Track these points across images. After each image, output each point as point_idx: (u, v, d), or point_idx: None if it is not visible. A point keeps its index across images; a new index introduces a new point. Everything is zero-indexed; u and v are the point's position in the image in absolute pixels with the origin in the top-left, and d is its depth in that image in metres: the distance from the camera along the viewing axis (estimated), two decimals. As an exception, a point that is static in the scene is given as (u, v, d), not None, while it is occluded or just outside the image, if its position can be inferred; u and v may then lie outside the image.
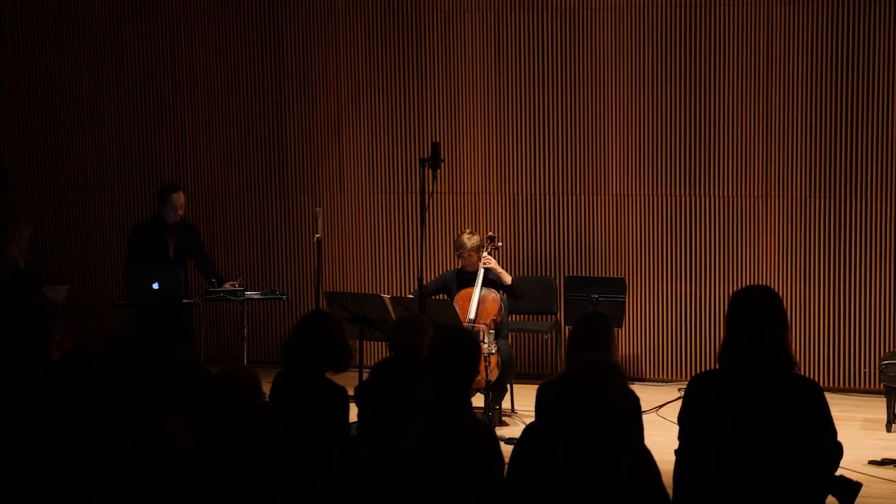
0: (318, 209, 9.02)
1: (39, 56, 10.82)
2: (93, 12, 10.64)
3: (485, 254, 8.54)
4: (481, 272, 8.51)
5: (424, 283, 8.15)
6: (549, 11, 9.61)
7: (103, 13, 10.62)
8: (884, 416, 8.23)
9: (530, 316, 9.67)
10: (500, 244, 8.96)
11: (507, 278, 8.60)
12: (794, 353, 4.36)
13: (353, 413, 5.52)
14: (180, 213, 9.03)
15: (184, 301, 8.61)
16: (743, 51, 9.21)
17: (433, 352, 4.73)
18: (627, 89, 9.48)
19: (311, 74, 10.19)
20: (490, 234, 8.81)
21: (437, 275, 9.42)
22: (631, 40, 9.44)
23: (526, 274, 9.74)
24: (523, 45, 9.70)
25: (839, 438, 4.26)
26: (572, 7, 9.57)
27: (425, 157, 7.80)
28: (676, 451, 4.37)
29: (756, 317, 4.22)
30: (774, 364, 4.23)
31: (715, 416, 4.22)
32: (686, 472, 4.29)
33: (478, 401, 7.41)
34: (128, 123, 10.66)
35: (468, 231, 8.74)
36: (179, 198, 9.01)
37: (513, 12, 9.68)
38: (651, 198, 9.54)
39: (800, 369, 5.20)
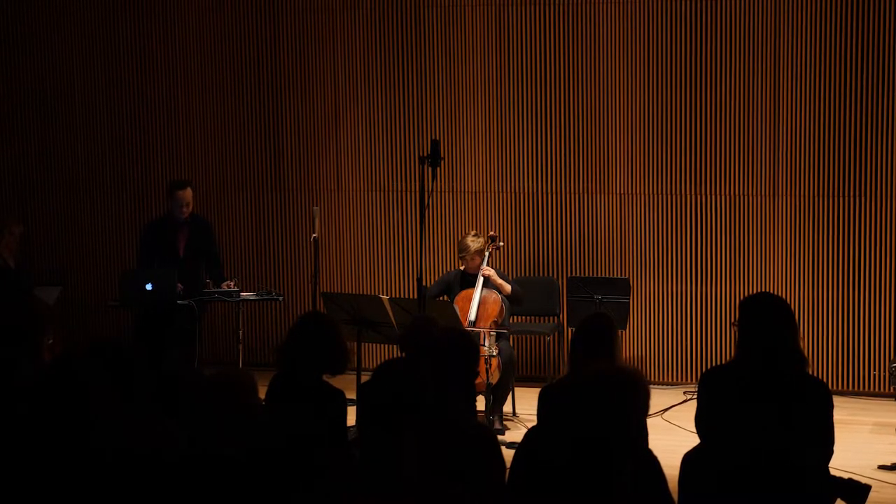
0: (315, 208, 8.99)
1: (31, 53, 10.74)
2: (86, 8, 10.55)
3: (484, 264, 8.43)
4: (482, 275, 8.42)
5: (424, 284, 8.02)
6: (551, 5, 9.52)
7: (96, 9, 10.55)
8: (894, 419, 8.18)
9: (532, 317, 9.56)
10: (501, 244, 8.89)
11: (507, 288, 8.49)
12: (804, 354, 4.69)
13: (353, 416, 5.45)
14: (185, 210, 8.91)
15: (178, 302, 8.50)
16: (749, 46, 9.12)
17: (430, 353, 4.65)
18: (631, 86, 9.39)
19: (308, 71, 10.10)
20: (491, 233, 8.72)
21: (436, 275, 9.33)
22: (635, 35, 9.35)
23: (528, 274, 9.65)
24: (524, 40, 9.60)
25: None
26: (574, 0, 9.46)
27: (425, 154, 7.70)
28: (693, 451, 4.43)
29: (767, 322, 4.53)
30: (787, 364, 4.51)
31: (736, 416, 4.46)
32: (710, 466, 4.49)
33: (478, 403, 7.30)
34: (121, 121, 10.58)
35: (473, 233, 8.63)
36: (185, 195, 8.90)
37: (513, 6, 9.59)
38: (655, 196, 9.43)
39: (811, 369, 5.44)
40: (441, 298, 8.56)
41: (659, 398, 8.82)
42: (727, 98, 9.22)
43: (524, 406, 8.51)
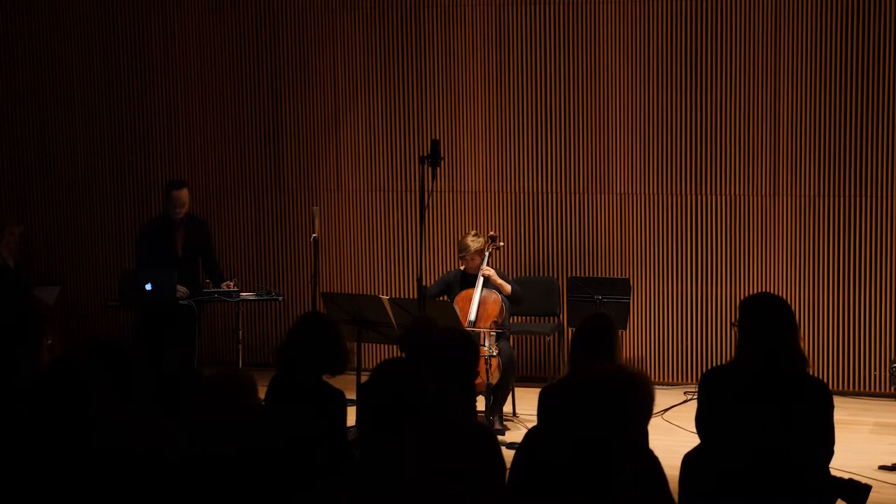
0: (314, 208, 8.98)
1: (29, 51, 10.72)
2: (85, 9, 10.53)
3: (484, 264, 8.41)
4: (482, 275, 8.41)
5: (424, 284, 8.01)
6: (551, 5, 9.50)
7: (96, 10, 10.51)
8: (894, 419, 8.15)
9: (532, 317, 9.54)
10: (501, 244, 8.87)
11: (507, 288, 8.47)
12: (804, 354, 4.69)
13: (353, 416, 5.44)
14: (179, 210, 8.89)
15: (179, 302, 8.49)
16: (749, 46, 9.10)
17: (430, 354, 4.65)
18: (631, 85, 9.37)
19: (308, 70, 10.09)
20: (491, 233, 8.70)
21: (436, 275, 9.31)
22: (635, 34, 9.33)
23: (528, 274, 9.63)
24: (524, 40, 9.58)
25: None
26: (574, 0, 9.45)
27: (425, 154, 7.69)
28: (693, 451, 4.43)
29: (768, 322, 4.53)
30: (787, 365, 4.52)
31: (736, 416, 4.48)
32: (710, 466, 4.50)
33: (479, 403, 7.29)
34: (121, 121, 10.57)
35: (473, 233, 8.62)
36: (180, 195, 8.87)
37: (513, 6, 9.57)
38: (656, 196, 9.42)
39: (812, 369, 5.44)
40: (441, 298, 8.55)
41: (659, 398, 8.72)
42: (727, 98, 9.20)
43: (524, 406, 8.49)
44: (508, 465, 4.32)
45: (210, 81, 10.32)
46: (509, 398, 8.45)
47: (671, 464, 4.29)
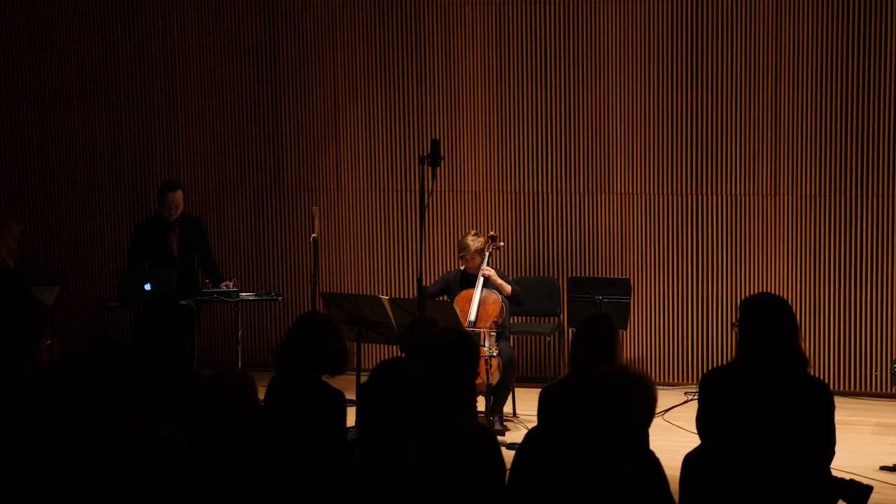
0: (314, 208, 8.98)
1: (28, 49, 10.72)
2: (84, 8, 10.52)
3: (484, 264, 8.40)
4: (482, 275, 8.41)
5: (424, 284, 8.01)
6: (550, 5, 9.51)
7: (95, 9, 10.51)
8: (895, 420, 8.10)
9: (532, 317, 9.54)
10: (501, 244, 8.87)
11: (507, 288, 8.47)
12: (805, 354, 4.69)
13: (352, 416, 5.44)
14: (174, 212, 8.92)
15: (180, 303, 8.49)
16: (750, 46, 9.11)
17: (430, 354, 4.64)
18: (632, 84, 9.37)
19: (308, 69, 10.09)
20: (491, 233, 8.70)
21: (436, 275, 9.31)
22: (635, 34, 9.33)
23: (528, 274, 9.63)
24: (525, 39, 9.58)
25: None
26: (574, 0, 9.45)
27: (425, 154, 7.69)
28: (694, 452, 4.44)
29: (768, 322, 4.53)
30: (788, 365, 4.51)
31: (737, 417, 4.42)
32: (711, 471, 4.43)
33: (479, 404, 7.28)
34: (119, 119, 10.57)
35: (473, 233, 8.61)
36: (174, 197, 8.90)
37: (513, 6, 9.57)
38: (656, 196, 9.42)
39: (812, 370, 5.43)
40: (441, 298, 8.55)
41: (659, 398, 8.78)
42: (727, 98, 9.20)
43: (524, 407, 8.49)
44: (508, 465, 4.31)
45: (210, 81, 10.32)
46: (509, 398, 8.45)
47: (671, 464, 4.28)
